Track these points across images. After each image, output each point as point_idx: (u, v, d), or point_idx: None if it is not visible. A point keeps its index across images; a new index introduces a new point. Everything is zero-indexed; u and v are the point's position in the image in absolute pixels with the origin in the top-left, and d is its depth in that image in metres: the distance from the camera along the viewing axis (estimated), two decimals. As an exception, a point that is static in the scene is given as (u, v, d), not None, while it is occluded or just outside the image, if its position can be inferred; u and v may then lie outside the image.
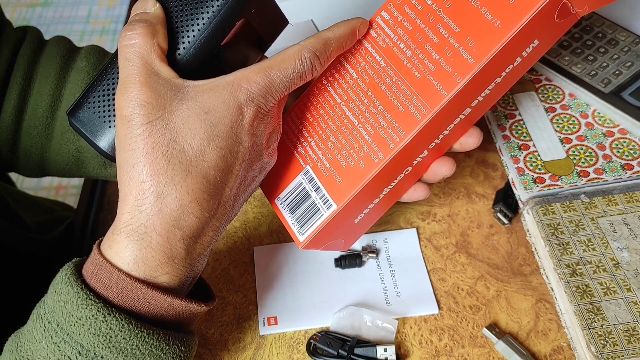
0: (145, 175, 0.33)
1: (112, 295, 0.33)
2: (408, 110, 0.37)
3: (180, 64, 0.36)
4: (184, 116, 0.33)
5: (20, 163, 0.51)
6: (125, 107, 0.33)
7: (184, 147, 0.33)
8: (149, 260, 0.33)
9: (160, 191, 0.33)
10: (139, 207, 0.33)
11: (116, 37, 1.92)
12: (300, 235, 0.41)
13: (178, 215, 0.33)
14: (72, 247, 0.55)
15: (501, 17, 0.35)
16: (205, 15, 0.36)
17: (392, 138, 0.38)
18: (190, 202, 0.33)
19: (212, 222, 0.35)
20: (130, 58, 0.34)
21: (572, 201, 0.49)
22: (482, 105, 0.39)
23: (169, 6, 0.37)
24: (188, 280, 0.36)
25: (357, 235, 0.45)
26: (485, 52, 0.35)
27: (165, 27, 0.36)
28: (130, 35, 0.34)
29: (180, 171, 0.33)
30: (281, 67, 0.35)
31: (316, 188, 0.40)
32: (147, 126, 0.33)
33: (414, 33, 0.38)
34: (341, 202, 0.39)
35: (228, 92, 0.34)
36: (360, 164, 0.39)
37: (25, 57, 0.49)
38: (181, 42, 0.36)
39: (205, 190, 0.34)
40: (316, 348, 0.45)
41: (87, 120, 0.37)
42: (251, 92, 0.35)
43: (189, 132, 0.33)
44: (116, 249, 0.33)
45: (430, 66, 0.37)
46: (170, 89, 0.34)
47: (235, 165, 0.35)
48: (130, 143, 0.33)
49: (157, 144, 0.33)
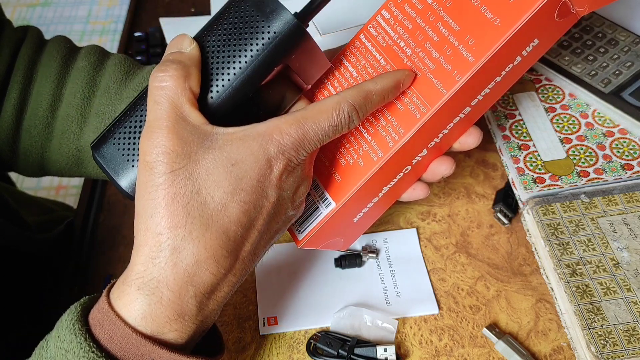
0: (162, 227, 0.31)
1: (116, 349, 0.32)
2: (407, 108, 0.37)
3: (212, 107, 0.34)
4: (209, 167, 0.32)
5: (20, 163, 0.51)
6: (150, 153, 0.32)
7: (206, 199, 0.32)
8: (157, 316, 0.32)
9: (176, 245, 0.31)
10: (153, 260, 0.32)
11: (116, 37, 1.92)
12: (299, 234, 0.41)
13: (193, 271, 0.32)
14: (72, 247, 0.55)
15: (501, 16, 0.35)
16: (243, 59, 0.34)
17: (391, 136, 0.38)
18: (207, 259, 0.32)
19: (229, 277, 0.33)
20: (160, 101, 0.32)
21: (572, 201, 0.49)
22: (482, 104, 0.39)
23: (206, 46, 0.35)
24: (197, 335, 0.34)
25: (356, 234, 0.45)
26: (485, 51, 0.35)
27: (199, 69, 0.34)
28: (161, 77, 0.33)
29: (200, 225, 0.31)
30: (317, 120, 0.34)
31: (315, 186, 0.40)
32: (170, 175, 0.31)
33: (414, 32, 0.38)
34: (340, 200, 0.39)
35: (258, 144, 0.32)
36: (360, 162, 0.39)
37: (26, 57, 0.49)
38: (215, 85, 0.34)
39: (224, 247, 0.32)
40: (316, 348, 0.45)
41: (111, 156, 0.36)
42: (282, 144, 0.33)
43: (213, 184, 0.32)
44: (125, 301, 0.32)
45: (429, 64, 0.37)
46: (198, 136, 0.32)
47: (259, 220, 0.33)
48: (150, 192, 0.32)
49: (178, 195, 0.31)
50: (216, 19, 0.35)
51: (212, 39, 0.35)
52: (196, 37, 0.36)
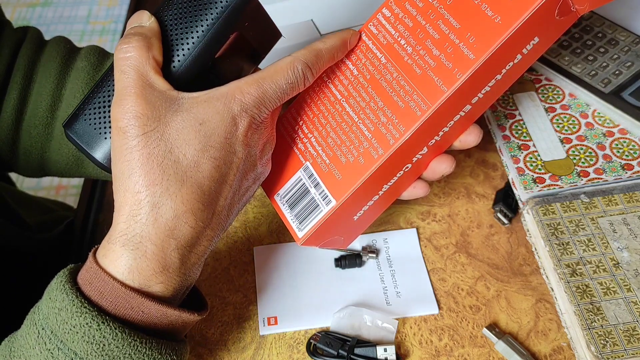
0: (140, 186, 0.33)
1: (107, 303, 0.33)
2: (408, 106, 0.37)
3: (175, 76, 0.36)
4: (178, 127, 0.34)
5: (20, 163, 0.51)
6: (121, 119, 0.33)
7: (178, 157, 0.34)
8: (143, 269, 0.33)
9: (155, 201, 0.33)
10: (134, 217, 0.33)
11: (116, 37, 1.92)
12: (299, 231, 0.41)
13: (173, 225, 0.33)
14: (72, 247, 0.55)
15: (502, 14, 0.35)
16: (199, 29, 0.37)
17: (392, 134, 0.38)
18: (185, 212, 0.34)
19: (207, 231, 0.35)
20: (126, 71, 0.34)
21: (572, 201, 0.49)
22: (482, 102, 0.39)
23: (164, 19, 0.37)
24: (182, 290, 0.36)
25: (356, 232, 0.45)
26: (485, 48, 0.35)
27: (160, 40, 0.36)
28: (125, 49, 0.35)
29: (175, 181, 0.33)
30: (274, 79, 0.36)
31: (316, 184, 0.40)
32: (143, 137, 0.33)
33: (415, 29, 0.38)
34: (340, 197, 0.39)
35: (222, 104, 0.35)
36: (360, 160, 0.39)
37: (26, 57, 0.49)
38: (176, 55, 0.37)
39: (200, 200, 0.34)
40: (316, 348, 0.45)
41: (83, 132, 0.38)
42: (245, 103, 0.35)
43: (184, 142, 0.34)
44: (111, 258, 0.34)
45: (430, 62, 0.37)
46: (165, 100, 0.34)
47: (230, 175, 0.35)
48: (125, 154, 0.33)
49: (152, 155, 0.33)
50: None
51: (169, 13, 0.37)
52: (154, 12, 0.38)
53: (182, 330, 0.37)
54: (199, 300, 0.40)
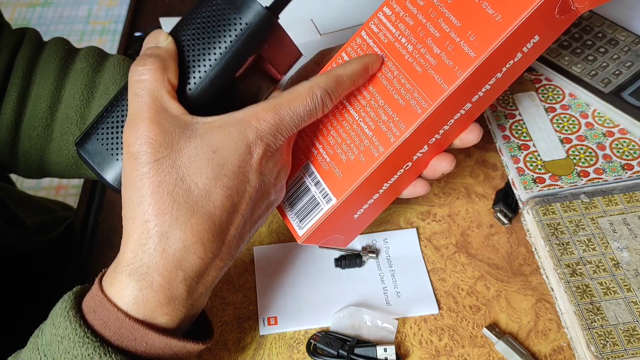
0: (149, 215, 0.32)
1: (110, 334, 0.33)
2: (409, 103, 0.37)
3: (190, 98, 0.36)
4: (191, 155, 0.33)
5: (19, 165, 0.51)
6: (133, 144, 0.33)
7: (190, 186, 0.33)
8: (149, 301, 0.33)
9: (164, 231, 0.32)
10: (142, 247, 0.33)
11: (116, 37, 1.92)
12: (300, 230, 0.41)
13: (181, 256, 0.33)
14: (71, 248, 0.55)
15: (502, 12, 0.35)
16: (217, 51, 0.35)
17: (392, 132, 0.38)
18: (194, 243, 0.33)
19: (216, 262, 0.34)
20: (140, 94, 0.34)
21: (572, 201, 0.49)
22: (482, 101, 0.39)
23: (181, 40, 0.36)
24: (188, 319, 0.35)
25: (356, 231, 0.45)
26: (486, 46, 0.35)
27: (176, 62, 0.35)
28: (140, 71, 0.34)
29: (186, 211, 0.32)
30: (292, 105, 0.35)
31: (316, 182, 0.40)
32: (154, 164, 0.32)
33: (416, 28, 0.38)
34: (341, 196, 0.39)
35: (237, 130, 0.34)
36: (361, 158, 0.39)
37: (24, 59, 0.49)
38: (192, 77, 0.36)
39: (210, 231, 0.33)
40: (316, 348, 0.45)
41: (95, 152, 0.37)
42: (260, 130, 0.34)
43: (196, 171, 0.33)
44: (117, 288, 0.33)
45: (431, 60, 0.37)
46: (178, 126, 0.33)
47: (242, 204, 0.34)
48: (136, 181, 0.33)
49: (163, 183, 0.32)
50: (190, 14, 0.37)
51: (187, 33, 0.36)
52: (171, 32, 0.37)
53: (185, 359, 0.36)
54: (205, 326, 0.39)
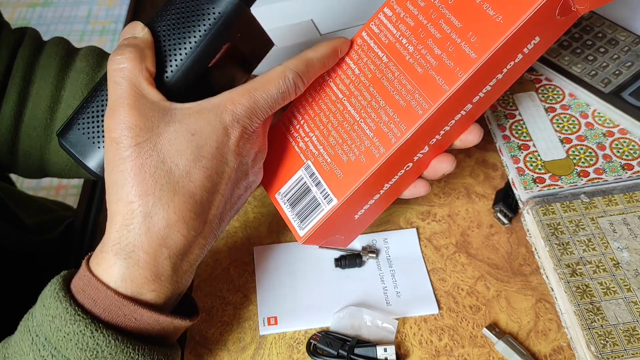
0: (133, 196, 0.33)
1: (100, 311, 0.34)
2: (410, 104, 0.37)
3: (168, 86, 0.37)
4: (171, 138, 0.34)
5: (19, 165, 0.51)
6: (114, 130, 0.34)
7: (171, 167, 0.34)
8: (136, 278, 0.34)
9: (148, 211, 0.33)
10: (127, 227, 0.34)
11: (116, 37, 1.92)
12: (300, 230, 0.41)
13: (165, 234, 0.34)
14: (71, 248, 0.55)
15: (503, 13, 0.35)
16: (192, 40, 0.37)
17: (393, 132, 0.38)
18: (177, 221, 0.34)
19: (199, 240, 0.36)
20: (119, 82, 0.35)
21: (572, 201, 0.49)
22: (483, 101, 0.39)
23: (157, 30, 0.37)
24: (174, 296, 0.36)
25: (357, 231, 0.45)
26: (487, 47, 0.35)
27: (153, 51, 0.37)
28: (119, 60, 0.35)
29: (168, 191, 0.34)
30: (265, 88, 0.36)
31: (317, 183, 0.40)
32: (135, 148, 0.33)
33: (416, 29, 0.38)
34: (342, 196, 0.39)
35: (214, 114, 0.35)
36: (362, 159, 0.39)
37: (24, 59, 0.49)
38: (169, 65, 0.37)
39: (192, 210, 0.34)
40: (316, 348, 0.45)
41: (77, 141, 0.38)
42: (236, 113, 0.35)
43: (176, 153, 0.34)
44: (104, 267, 0.34)
45: (432, 61, 0.37)
46: (157, 111, 0.34)
47: (221, 184, 0.36)
48: (119, 164, 0.34)
49: (145, 165, 0.34)
50: (165, 5, 0.38)
51: (162, 24, 0.37)
52: (148, 23, 0.38)
53: (173, 336, 0.37)
54: (191, 305, 0.40)
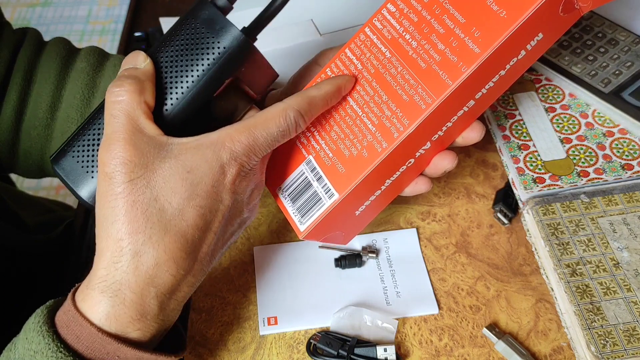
0: (123, 233, 0.33)
1: (83, 348, 0.33)
2: (413, 99, 0.38)
3: (167, 119, 0.36)
4: (165, 175, 0.34)
5: (20, 164, 0.51)
6: (108, 164, 0.33)
7: (164, 205, 0.33)
8: (121, 316, 0.33)
9: (137, 249, 0.33)
10: (115, 264, 0.33)
11: (116, 37, 1.92)
12: (301, 225, 0.41)
13: (154, 273, 0.33)
14: (71, 248, 0.55)
15: (507, 8, 0.35)
16: (195, 73, 0.36)
17: (396, 127, 0.38)
18: (166, 261, 0.33)
19: (188, 278, 0.35)
20: (116, 115, 0.34)
21: (572, 201, 0.49)
22: (485, 98, 0.39)
23: (159, 61, 0.37)
24: (160, 333, 0.36)
25: (357, 228, 0.45)
26: (491, 42, 0.35)
27: (153, 83, 0.36)
28: (117, 92, 0.35)
29: (159, 230, 0.33)
30: (265, 126, 0.36)
31: (318, 177, 0.40)
32: (129, 184, 0.33)
33: (420, 24, 0.38)
34: (343, 191, 0.39)
35: (211, 151, 0.34)
36: (364, 153, 0.39)
37: (25, 59, 0.49)
38: (169, 98, 0.36)
39: (183, 249, 0.34)
40: (316, 348, 0.45)
41: (70, 168, 0.37)
42: (234, 151, 0.35)
43: (170, 191, 0.33)
44: (90, 304, 0.34)
45: (435, 56, 0.37)
46: (154, 146, 0.34)
47: (215, 222, 0.35)
48: (110, 200, 0.33)
49: (137, 203, 0.33)
50: (169, 36, 0.37)
51: (165, 55, 0.37)
52: (150, 52, 0.37)
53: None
54: (179, 338, 0.39)
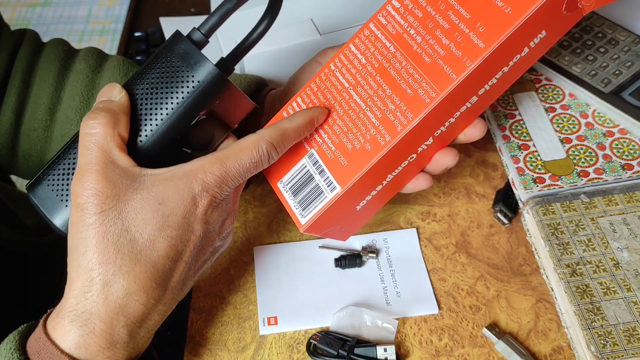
0: (93, 264, 0.33)
1: None
2: (417, 93, 0.38)
3: (141, 150, 0.37)
4: (137, 206, 0.34)
5: (19, 166, 0.51)
6: (80, 195, 0.34)
7: (134, 236, 0.34)
8: (90, 345, 0.34)
9: (107, 279, 0.33)
10: (85, 294, 0.34)
11: (116, 37, 1.92)
12: (302, 218, 0.41)
13: (124, 302, 0.34)
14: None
15: (512, 4, 0.35)
16: (169, 106, 0.37)
17: (399, 120, 0.38)
18: (136, 290, 0.34)
19: (159, 307, 0.36)
20: (90, 147, 0.35)
21: (572, 201, 0.49)
22: (487, 95, 0.39)
23: (134, 93, 0.37)
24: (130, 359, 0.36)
25: (357, 225, 0.45)
26: (495, 37, 0.35)
27: (128, 115, 0.36)
28: (91, 124, 0.35)
29: (129, 260, 0.34)
30: (238, 157, 0.36)
31: (320, 170, 0.40)
32: (100, 215, 0.33)
33: (424, 20, 0.39)
34: (346, 184, 0.39)
35: (183, 183, 0.35)
36: (367, 147, 0.39)
37: (24, 60, 0.49)
38: (144, 130, 0.37)
39: (153, 279, 0.34)
40: (316, 348, 0.45)
41: (45, 197, 0.38)
42: (206, 182, 0.35)
43: (142, 221, 0.34)
44: (60, 332, 0.34)
45: (440, 51, 0.37)
46: (126, 178, 0.34)
47: (186, 252, 0.36)
48: (82, 231, 0.34)
49: (108, 233, 0.33)
50: (145, 68, 0.38)
51: (141, 88, 0.37)
52: (126, 85, 0.38)
53: None
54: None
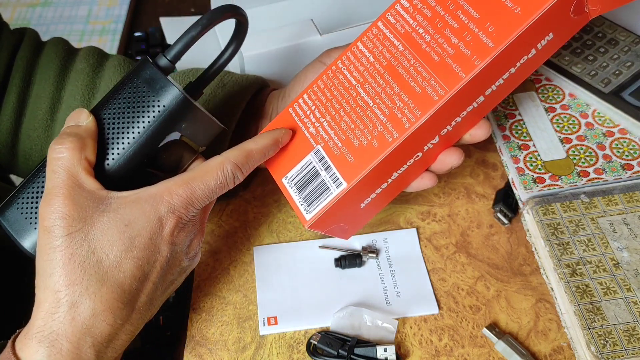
0: (60, 285, 0.34)
1: None
2: (425, 91, 0.38)
3: (108, 173, 0.37)
4: (104, 228, 0.35)
5: (19, 166, 0.51)
6: (47, 218, 0.34)
7: (101, 258, 0.34)
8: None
9: (74, 300, 0.34)
10: (52, 315, 0.34)
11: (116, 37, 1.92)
12: (307, 214, 0.41)
13: (91, 323, 0.34)
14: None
15: (521, 5, 0.36)
16: (135, 130, 0.37)
17: (407, 117, 0.38)
18: (103, 311, 0.34)
19: (126, 326, 0.36)
20: (57, 171, 0.35)
21: (572, 201, 0.49)
22: (493, 96, 0.39)
23: (102, 118, 0.38)
24: None
25: (360, 223, 0.45)
26: (505, 37, 0.36)
27: (95, 140, 0.37)
28: (59, 149, 0.36)
29: (96, 281, 0.34)
30: (203, 179, 0.37)
31: (326, 167, 0.40)
32: (67, 238, 0.34)
33: (434, 19, 0.39)
34: (352, 180, 0.39)
35: (149, 205, 0.35)
36: (374, 143, 0.39)
37: (24, 60, 0.49)
38: (111, 154, 0.38)
39: (120, 299, 0.35)
40: (316, 348, 0.45)
41: (14, 219, 0.38)
42: (172, 204, 0.36)
43: (108, 243, 0.34)
44: (27, 353, 0.34)
45: (449, 50, 0.38)
46: (93, 201, 0.35)
47: (153, 273, 0.36)
48: (49, 253, 0.34)
49: (75, 255, 0.34)
50: (112, 93, 0.39)
51: (108, 112, 0.38)
52: (93, 110, 0.39)
53: None
54: None
